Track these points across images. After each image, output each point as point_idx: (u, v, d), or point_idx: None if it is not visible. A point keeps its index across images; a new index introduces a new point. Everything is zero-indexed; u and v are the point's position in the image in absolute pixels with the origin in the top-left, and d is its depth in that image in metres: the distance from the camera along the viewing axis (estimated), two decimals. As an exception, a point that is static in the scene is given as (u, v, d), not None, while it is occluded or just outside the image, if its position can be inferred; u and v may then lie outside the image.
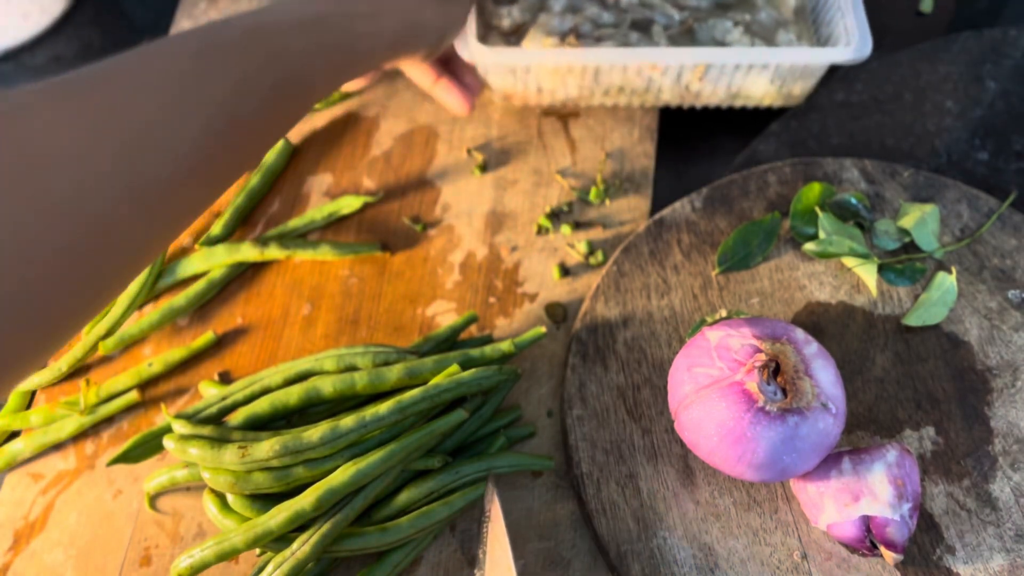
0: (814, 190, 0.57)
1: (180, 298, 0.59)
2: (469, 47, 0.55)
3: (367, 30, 0.44)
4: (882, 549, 0.44)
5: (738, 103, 0.63)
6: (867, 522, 0.44)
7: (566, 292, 0.58)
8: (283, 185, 0.65)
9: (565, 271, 0.59)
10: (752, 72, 0.58)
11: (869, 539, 0.44)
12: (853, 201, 0.57)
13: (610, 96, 0.63)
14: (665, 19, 0.61)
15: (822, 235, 0.55)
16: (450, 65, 0.58)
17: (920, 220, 0.55)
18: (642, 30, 0.61)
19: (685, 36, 0.61)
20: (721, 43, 0.60)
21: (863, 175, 0.59)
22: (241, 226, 0.63)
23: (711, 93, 0.62)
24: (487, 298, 0.59)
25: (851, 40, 0.57)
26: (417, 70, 0.56)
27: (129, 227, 0.31)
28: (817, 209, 0.56)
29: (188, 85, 0.34)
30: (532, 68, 0.59)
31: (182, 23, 0.77)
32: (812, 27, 0.63)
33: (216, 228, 0.62)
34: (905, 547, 0.44)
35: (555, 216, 0.62)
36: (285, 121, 0.41)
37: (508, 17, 0.61)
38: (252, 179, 0.64)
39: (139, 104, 0.32)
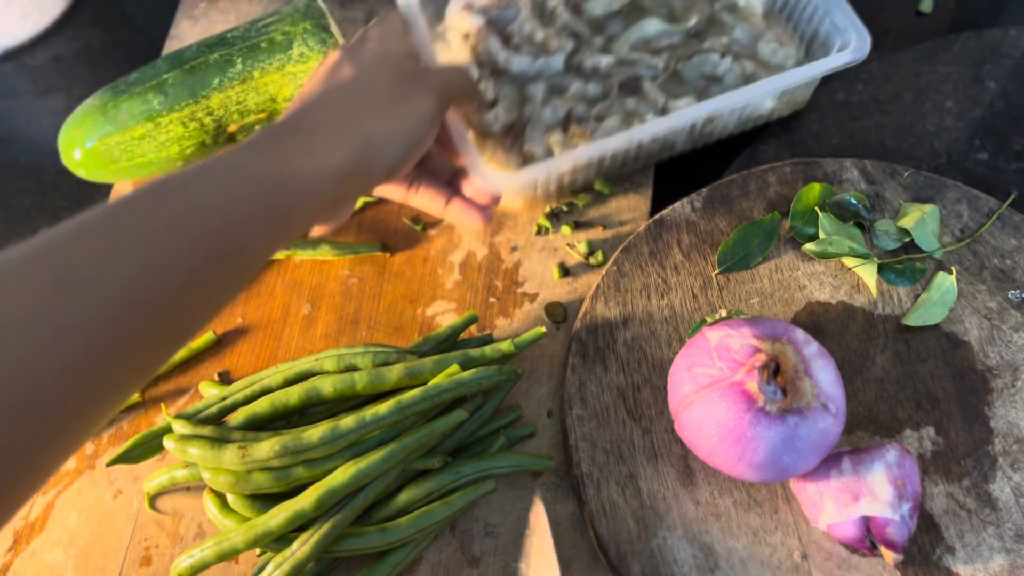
0: (814, 190, 0.57)
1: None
2: (488, 179, 0.50)
3: (303, 165, 0.37)
4: (882, 549, 0.44)
5: (748, 127, 0.63)
6: (867, 522, 0.44)
7: (566, 292, 0.58)
8: (283, 185, 0.65)
9: (565, 271, 0.59)
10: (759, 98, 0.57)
11: (869, 539, 0.44)
12: (853, 201, 0.57)
13: (627, 165, 0.61)
14: (650, 71, 0.58)
15: (822, 235, 0.55)
16: (456, 179, 0.52)
17: (920, 220, 0.55)
18: (633, 91, 0.58)
19: (673, 80, 0.59)
20: (712, 77, 0.58)
21: (863, 175, 0.59)
22: (241, 226, 0.63)
23: (723, 129, 0.61)
24: (487, 298, 0.59)
25: (846, 39, 0.55)
26: (426, 197, 0.49)
27: (15, 442, 0.28)
28: (817, 209, 0.56)
29: (90, 259, 0.30)
30: (552, 174, 0.54)
31: (182, 23, 0.77)
32: (788, 26, 0.62)
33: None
34: (905, 547, 0.44)
35: (555, 216, 0.62)
36: (219, 288, 0.35)
37: (497, 121, 0.57)
38: (252, 179, 0.64)
39: (24, 300, 0.29)
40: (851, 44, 0.54)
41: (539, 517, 0.46)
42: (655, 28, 0.59)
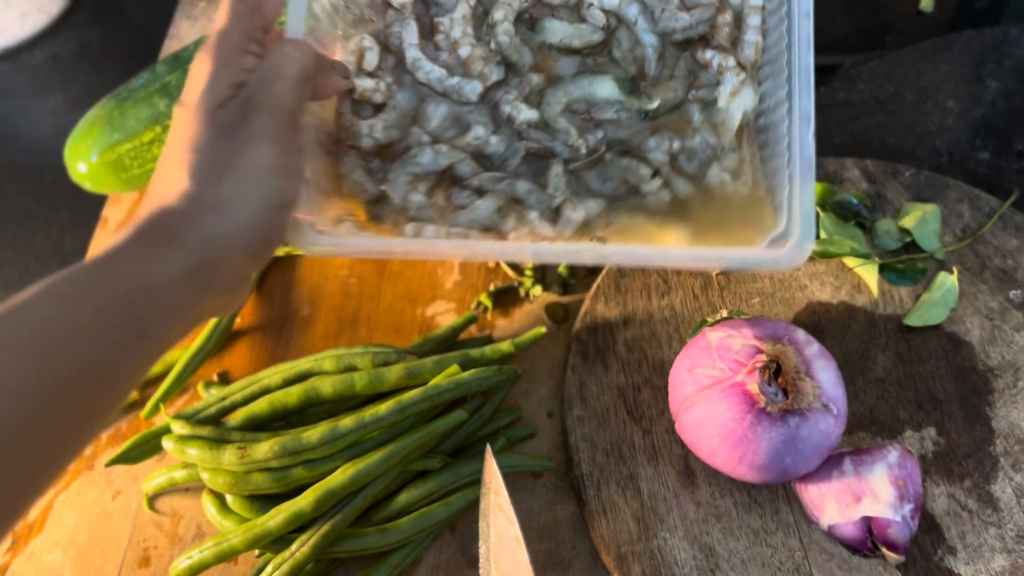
0: (815, 190, 0.57)
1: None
2: (295, 231, 0.41)
3: (147, 279, 0.34)
4: (883, 550, 0.43)
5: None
6: (868, 523, 0.44)
7: (566, 292, 0.58)
8: (282, 185, 0.65)
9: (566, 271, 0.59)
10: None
11: (870, 540, 0.44)
12: (854, 201, 0.57)
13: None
14: (568, 151, 0.47)
15: (823, 235, 0.55)
16: None
17: (921, 220, 0.55)
18: (537, 170, 0.47)
19: (593, 168, 0.47)
20: (635, 189, 0.47)
21: (864, 175, 0.58)
22: (240, 226, 0.63)
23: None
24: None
25: (790, 230, 0.41)
26: None
27: None
28: (818, 209, 0.56)
29: None
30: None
31: (181, 23, 0.77)
32: (757, 156, 0.48)
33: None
34: (906, 548, 0.44)
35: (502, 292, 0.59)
36: (83, 414, 0.33)
37: (369, 136, 0.46)
38: (251, 179, 0.63)
39: None
40: (791, 242, 0.41)
41: (493, 474, 0.44)
42: (607, 93, 0.48)
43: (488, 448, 0.45)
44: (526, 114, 0.47)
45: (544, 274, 0.59)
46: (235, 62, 0.37)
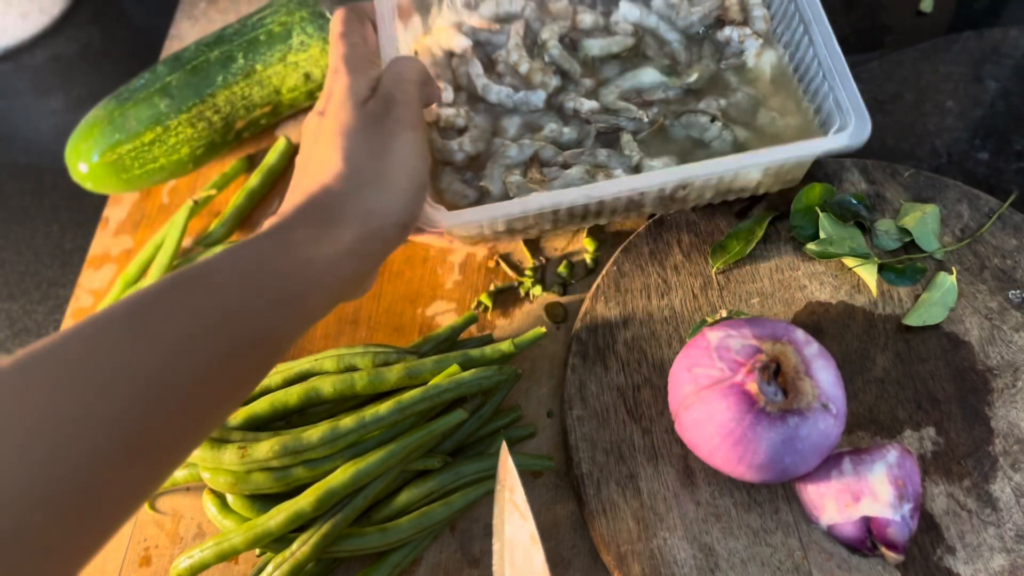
0: (815, 190, 0.57)
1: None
2: (429, 213, 0.47)
3: (314, 253, 0.38)
4: (883, 549, 0.44)
5: (731, 197, 0.56)
6: (868, 522, 0.44)
7: (566, 292, 0.58)
8: (283, 185, 0.65)
9: (566, 270, 0.59)
10: (741, 171, 0.51)
11: (870, 539, 0.44)
12: (854, 201, 0.57)
13: (588, 220, 0.56)
14: (633, 123, 0.54)
15: (823, 235, 0.55)
16: None
17: (920, 220, 0.55)
18: (610, 142, 0.54)
19: (658, 137, 0.54)
20: (699, 141, 0.54)
21: (863, 175, 0.59)
22: (240, 227, 0.63)
23: (699, 197, 0.55)
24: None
25: (845, 121, 0.49)
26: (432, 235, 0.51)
27: (46, 536, 0.27)
28: (818, 209, 0.56)
29: (110, 363, 0.30)
30: (499, 219, 0.50)
31: (182, 23, 0.77)
32: (798, 90, 0.55)
33: (215, 228, 0.62)
34: (906, 547, 0.44)
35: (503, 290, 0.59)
36: (243, 376, 0.36)
37: (461, 151, 0.53)
38: (252, 179, 0.64)
39: (47, 396, 0.29)
40: (849, 128, 0.49)
41: (508, 471, 0.45)
42: (651, 78, 0.56)
43: (504, 445, 0.46)
44: (589, 104, 0.55)
45: (544, 274, 0.59)
46: (365, 72, 0.43)
